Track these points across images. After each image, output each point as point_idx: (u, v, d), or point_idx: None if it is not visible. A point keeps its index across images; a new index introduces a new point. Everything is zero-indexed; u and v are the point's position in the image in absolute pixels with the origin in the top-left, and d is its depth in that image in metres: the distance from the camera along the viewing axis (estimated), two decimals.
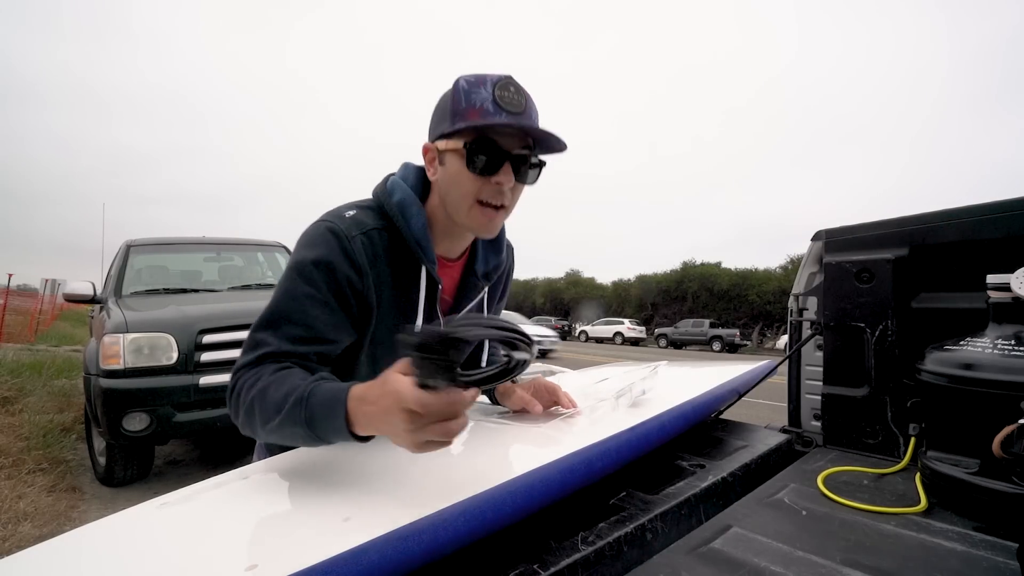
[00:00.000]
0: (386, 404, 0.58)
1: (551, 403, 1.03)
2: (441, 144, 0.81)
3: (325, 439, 0.67)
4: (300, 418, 0.66)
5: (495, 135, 0.78)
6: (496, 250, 0.97)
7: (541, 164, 0.84)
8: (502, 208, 0.82)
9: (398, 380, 0.57)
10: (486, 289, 0.97)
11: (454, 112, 0.78)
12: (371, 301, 0.82)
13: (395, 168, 0.93)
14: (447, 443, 0.59)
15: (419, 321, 0.86)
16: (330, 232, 0.80)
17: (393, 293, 0.84)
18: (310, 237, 0.81)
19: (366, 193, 0.92)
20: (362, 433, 0.64)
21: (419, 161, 0.88)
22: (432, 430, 0.56)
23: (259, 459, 0.88)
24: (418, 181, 0.88)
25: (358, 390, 0.63)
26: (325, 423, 0.65)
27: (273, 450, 0.90)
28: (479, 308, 0.97)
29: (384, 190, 0.87)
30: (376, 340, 0.86)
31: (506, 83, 0.77)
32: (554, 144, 0.82)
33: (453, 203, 0.82)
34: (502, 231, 0.96)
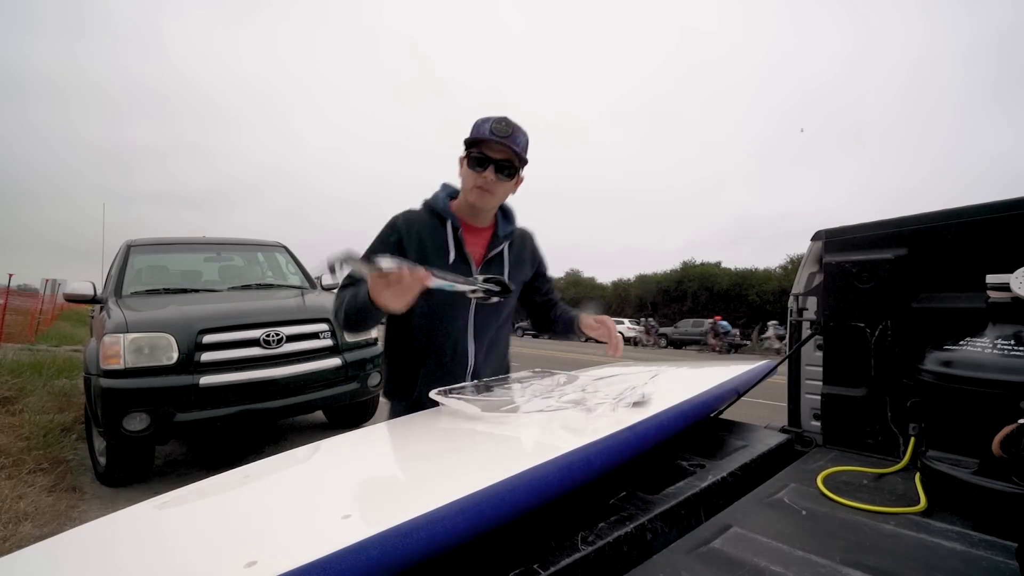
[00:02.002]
0: (379, 282, 1.04)
1: (607, 335, 1.35)
2: (461, 155, 1.29)
3: (366, 304, 1.10)
4: (361, 297, 1.12)
5: (485, 148, 1.23)
6: (509, 221, 1.41)
7: (515, 168, 1.26)
8: (487, 191, 1.24)
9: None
10: (506, 246, 1.37)
11: (468, 137, 1.25)
12: (405, 247, 1.29)
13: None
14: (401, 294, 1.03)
15: (451, 256, 1.29)
16: (392, 218, 1.33)
17: (426, 242, 1.30)
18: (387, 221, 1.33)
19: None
20: (376, 300, 1.07)
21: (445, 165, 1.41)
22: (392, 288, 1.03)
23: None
24: (449, 191, 1.39)
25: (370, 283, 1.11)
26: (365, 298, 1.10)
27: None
28: (500, 260, 1.37)
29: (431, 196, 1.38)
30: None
31: (499, 119, 1.22)
32: (522, 155, 1.25)
33: (464, 188, 1.30)
34: (511, 212, 1.42)
